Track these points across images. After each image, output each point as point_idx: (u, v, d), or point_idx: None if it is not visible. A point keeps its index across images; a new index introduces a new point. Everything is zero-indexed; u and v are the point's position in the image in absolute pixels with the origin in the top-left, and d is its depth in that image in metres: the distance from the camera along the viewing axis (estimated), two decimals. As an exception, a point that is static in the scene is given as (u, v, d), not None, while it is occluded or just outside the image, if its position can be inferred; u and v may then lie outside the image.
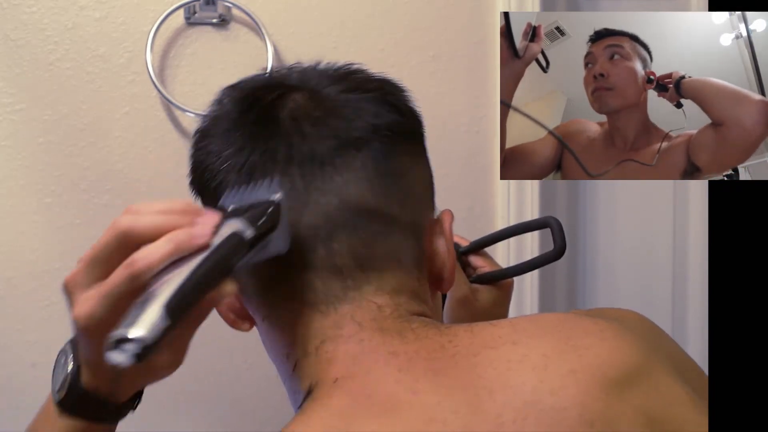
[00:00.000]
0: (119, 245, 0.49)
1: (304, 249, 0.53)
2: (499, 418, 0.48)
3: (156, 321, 0.43)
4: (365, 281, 0.54)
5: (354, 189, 0.54)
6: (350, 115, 0.55)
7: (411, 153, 0.58)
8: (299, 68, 0.60)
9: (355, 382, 0.51)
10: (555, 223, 0.78)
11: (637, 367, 0.51)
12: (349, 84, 0.57)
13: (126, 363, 0.43)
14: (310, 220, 0.53)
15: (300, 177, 0.53)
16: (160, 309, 0.44)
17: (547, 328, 0.53)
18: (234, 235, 0.49)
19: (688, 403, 0.51)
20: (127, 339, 0.43)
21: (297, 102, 0.56)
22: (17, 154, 1.06)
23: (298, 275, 0.54)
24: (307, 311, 0.54)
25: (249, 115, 0.57)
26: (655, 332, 0.58)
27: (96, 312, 0.49)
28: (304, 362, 0.54)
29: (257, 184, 0.53)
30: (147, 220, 0.49)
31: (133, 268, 0.48)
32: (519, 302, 1.19)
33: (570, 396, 0.48)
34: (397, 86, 0.60)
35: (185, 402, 1.12)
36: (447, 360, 0.51)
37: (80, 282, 0.50)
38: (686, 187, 1.28)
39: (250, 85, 0.60)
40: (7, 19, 1.05)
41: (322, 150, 0.54)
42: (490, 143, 1.17)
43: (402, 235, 0.56)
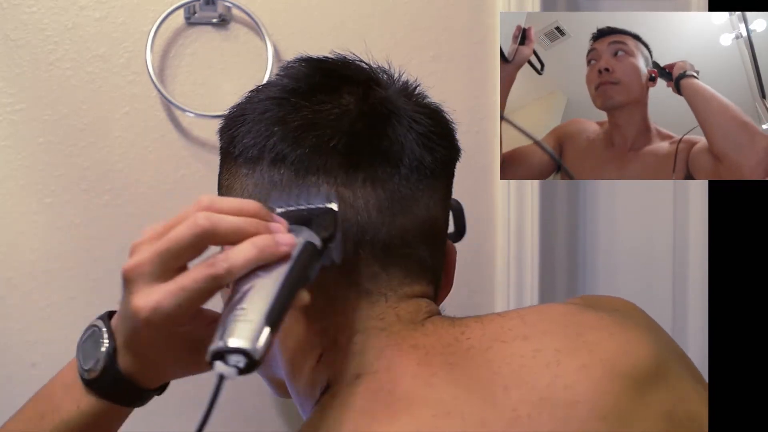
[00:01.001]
0: (197, 242, 0.48)
1: (389, 247, 0.55)
2: (515, 412, 0.48)
3: (261, 333, 0.43)
4: (419, 283, 0.57)
5: (437, 206, 0.58)
6: (443, 135, 0.59)
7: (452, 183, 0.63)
8: (374, 69, 0.61)
9: (376, 379, 0.51)
10: (456, 205, 0.80)
11: (650, 363, 0.51)
12: (428, 105, 0.60)
13: (231, 376, 0.42)
14: (403, 223, 0.55)
15: (405, 181, 0.55)
16: (263, 321, 0.43)
17: (556, 321, 0.54)
18: (310, 244, 0.49)
19: (699, 397, 0.52)
20: (233, 351, 0.42)
21: (398, 106, 0.57)
22: (17, 154, 1.06)
23: (368, 267, 0.54)
24: (357, 299, 0.55)
25: (340, 94, 0.56)
26: (650, 322, 0.59)
27: (166, 306, 0.47)
28: (330, 354, 0.54)
29: (310, 188, 0.53)
30: (229, 222, 0.48)
31: (216, 270, 0.46)
32: (519, 303, 1.19)
33: (582, 391, 0.49)
34: (447, 115, 0.63)
35: (185, 402, 1.12)
36: (462, 354, 0.52)
37: (147, 272, 0.48)
38: (686, 187, 1.28)
39: (340, 65, 0.59)
40: (7, 19, 1.05)
41: (427, 162, 0.56)
42: (490, 143, 1.17)
43: (441, 254, 0.60)
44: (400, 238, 0.55)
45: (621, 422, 0.48)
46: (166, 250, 0.48)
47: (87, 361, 0.55)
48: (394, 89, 0.58)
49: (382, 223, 0.54)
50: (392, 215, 0.54)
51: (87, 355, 0.55)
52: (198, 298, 0.47)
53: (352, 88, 0.56)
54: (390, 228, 0.54)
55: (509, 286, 1.19)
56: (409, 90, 0.59)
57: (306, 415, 0.56)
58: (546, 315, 0.55)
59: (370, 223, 0.54)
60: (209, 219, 0.48)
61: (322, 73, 0.57)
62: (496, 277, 1.20)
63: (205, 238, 0.48)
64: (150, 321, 0.48)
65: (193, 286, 0.47)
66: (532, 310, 0.56)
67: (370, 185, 0.54)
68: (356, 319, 0.54)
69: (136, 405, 0.57)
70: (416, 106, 0.58)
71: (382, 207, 0.54)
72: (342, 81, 0.57)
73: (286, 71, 0.58)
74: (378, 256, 0.54)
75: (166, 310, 0.47)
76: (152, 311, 0.48)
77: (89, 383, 0.55)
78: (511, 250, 1.19)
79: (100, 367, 0.54)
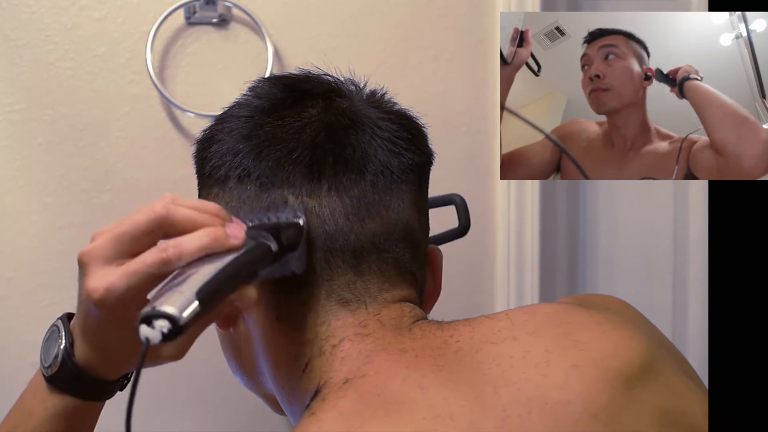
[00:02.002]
0: (153, 228, 0.50)
1: (359, 252, 0.55)
2: (505, 412, 0.48)
3: (190, 305, 0.45)
4: (398, 287, 0.57)
5: (408, 209, 0.57)
6: (410, 140, 0.59)
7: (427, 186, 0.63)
8: (338, 81, 0.61)
9: (365, 382, 0.51)
10: (459, 201, 0.80)
11: (641, 360, 0.51)
12: (393, 111, 0.60)
13: (155, 339, 0.44)
14: (371, 227, 0.55)
15: (371, 186, 0.55)
16: (194, 294, 0.46)
17: (545, 322, 0.54)
18: (263, 244, 0.51)
19: (691, 392, 0.52)
20: (160, 315, 0.44)
21: (360, 114, 0.58)
22: (17, 154, 1.06)
23: (341, 275, 0.55)
24: (337, 309, 0.55)
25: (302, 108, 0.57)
26: (642, 319, 0.60)
27: (117, 287, 0.49)
28: (316, 362, 0.55)
29: (277, 201, 0.55)
30: (185, 212, 0.51)
31: (168, 254, 0.49)
32: (519, 302, 1.19)
33: (574, 390, 0.49)
34: (421, 123, 0.63)
35: (185, 402, 1.12)
36: (451, 356, 0.52)
37: (101, 255, 0.50)
38: (686, 187, 1.28)
39: (300, 80, 0.61)
40: (7, 18, 1.05)
41: (392, 166, 0.57)
42: (490, 143, 1.17)
43: (422, 258, 0.60)
44: (370, 243, 0.55)
45: (613, 420, 0.48)
46: (122, 233, 0.50)
47: (47, 359, 0.56)
48: (359, 98, 0.59)
49: (350, 229, 0.55)
50: (360, 221, 0.55)
51: (47, 354, 0.57)
52: (149, 281, 0.49)
53: (314, 101, 0.58)
54: (359, 234, 0.55)
55: (509, 286, 1.19)
56: (376, 98, 0.60)
57: (296, 421, 0.56)
58: (535, 315, 0.55)
59: (338, 230, 0.55)
60: (166, 207, 0.50)
61: (283, 89, 0.59)
62: (496, 277, 1.20)
63: (161, 225, 0.50)
64: (103, 302, 0.49)
65: (144, 269, 0.49)
66: (521, 311, 0.56)
67: (335, 193, 0.55)
68: (339, 328, 0.55)
69: (100, 399, 0.58)
70: (382, 113, 0.58)
71: (349, 213, 0.55)
72: (304, 95, 0.58)
73: (251, 90, 0.60)
74: (350, 263, 0.55)
75: (117, 291, 0.49)
76: (105, 291, 0.49)
77: (50, 380, 0.56)
78: (511, 250, 1.19)
79: (59, 361, 0.55)
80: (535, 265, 1.19)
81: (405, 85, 1.13)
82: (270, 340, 0.57)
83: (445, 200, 0.81)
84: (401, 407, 0.49)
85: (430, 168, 0.62)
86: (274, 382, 0.58)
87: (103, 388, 0.57)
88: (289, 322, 0.56)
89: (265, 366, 0.58)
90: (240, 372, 0.62)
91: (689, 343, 1.29)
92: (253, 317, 0.58)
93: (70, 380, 0.55)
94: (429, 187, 0.63)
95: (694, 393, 0.52)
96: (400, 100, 0.62)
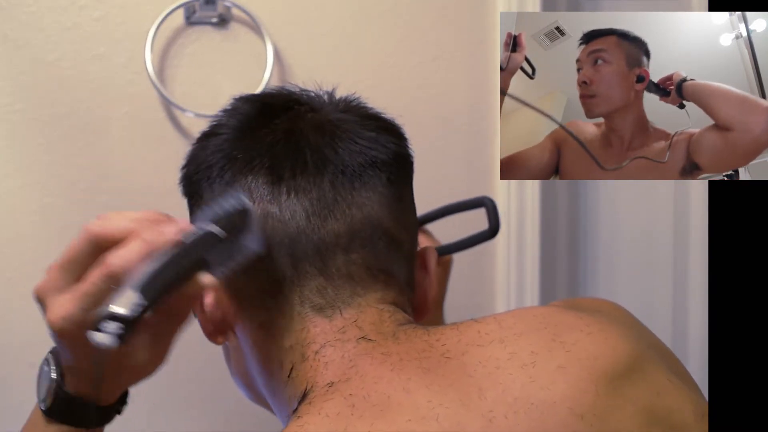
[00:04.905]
0: (91, 249, 0.52)
1: (323, 253, 0.55)
2: (491, 413, 0.49)
3: (131, 300, 0.46)
4: (372, 290, 0.56)
5: (377, 207, 0.57)
6: (374, 138, 0.58)
7: (410, 185, 0.62)
8: (305, 92, 0.62)
9: (350, 385, 0.51)
10: (490, 203, 0.81)
11: (627, 360, 0.52)
12: (359, 113, 0.60)
13: (109, 343, 0.46)
14: (334, 227, 0.55)
15: (330, 186, 0.55)
16: (136, 288, 0.47)
17: (532, 324, 0.54)
18: (204, 231, 0.52)
19: (678, 391, 0.52)
20: (108, 317, 0.46)
21: (321, 119, 0.58)
22: (17, 154, 1.06)
23: (311, 279, 0.55)
24: (313, 315, 0.55)
25: (266, 120, 0.58)
26: (632, 321, 0.60)
27: (72, 313, 0.50)
28: (300, 367, 0.55)
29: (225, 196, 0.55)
30: (116, 224, 0.52)
31: (109, 268, 0.49)
32: (519, 303, 1.19)
33: (560, 391, 0.49)
34: (394, 122, 0.63)
35: (185, 402, 1.12)
36: (436, 359, 0.52)
37: (53, 287, 0.52)
38: (686, 187, 1.29)
39: (266, 96, 0.62)
40: (7, 18, 1.05)
41: (353, 165, 0.56)
42: (490, 143, 1.17)
43: (403, 258, 0.59)
44: (334, 243, 0.55)
45: (600, 420, 0.48)
46: (65, 261, 0.52)
47: (41, 392, 0.58)
48: (328, 105, 0.60)
49: (312, 231, 0.55)
50: (322, 220, 0.55)
51: (41, 387, 0.58)
52: (101, 299, 0.49)
53: (279, 113, 0.59)
54: (322, 235, 0.55)
55: (509, 286, 1.19)
56: (349, 105, 0.61)
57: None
58: (523, 318, 0.55)
59: (300, 233, 0.55)
60: (99, 224, 0.52)
61: (251, 105, 0.60)
62: (496, 277, 1.20)
63: (98, 243, 0.51)
64: (63, 331, 0.51)
65: (92, 288, 0.50)
66: (509, 315, 0.56)
67: (294, 196, 0.55)
68: (318, 334, 0.55)
69: (99, 425, 0.59)
70: (349, 116, 0.59)
71: (310, 215, 0.55)
72: (269, 109, 0.59)
73: (224, 111, 0.61)
74: (318, 266, 0.55)
75: (74, 316, 0.50)
76: (62, 320, 0.50)
77: (47, 413, 0.57)
78: (512, 250, 1.19)
79: (52, 393, 0.56)
80: (535, 265, 1.19)
81: (405, 85, 1.13)
82: (257, 349, 0.58)
83: (476, 203, 0.82)
84: (386, 410, 0.49)
85: (409, 166, 0.61)
86: (265, 389, 0.59)
87: (101, 414, 0.58)
88: (270, 330, 0.56)
89: (256, 374, 0.59)
90: (240, 383, 0.63)
91: (689, 343, 1.29)
92: (240, 327, 0.58)
93: (65, 410, 0.56)
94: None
95: (681, 390, 0.52)
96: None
